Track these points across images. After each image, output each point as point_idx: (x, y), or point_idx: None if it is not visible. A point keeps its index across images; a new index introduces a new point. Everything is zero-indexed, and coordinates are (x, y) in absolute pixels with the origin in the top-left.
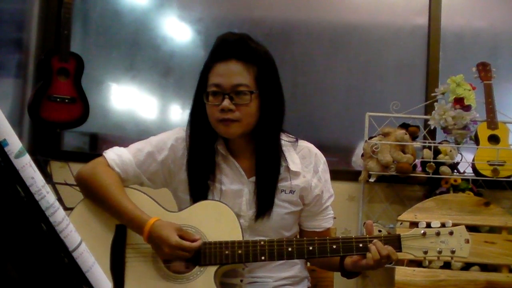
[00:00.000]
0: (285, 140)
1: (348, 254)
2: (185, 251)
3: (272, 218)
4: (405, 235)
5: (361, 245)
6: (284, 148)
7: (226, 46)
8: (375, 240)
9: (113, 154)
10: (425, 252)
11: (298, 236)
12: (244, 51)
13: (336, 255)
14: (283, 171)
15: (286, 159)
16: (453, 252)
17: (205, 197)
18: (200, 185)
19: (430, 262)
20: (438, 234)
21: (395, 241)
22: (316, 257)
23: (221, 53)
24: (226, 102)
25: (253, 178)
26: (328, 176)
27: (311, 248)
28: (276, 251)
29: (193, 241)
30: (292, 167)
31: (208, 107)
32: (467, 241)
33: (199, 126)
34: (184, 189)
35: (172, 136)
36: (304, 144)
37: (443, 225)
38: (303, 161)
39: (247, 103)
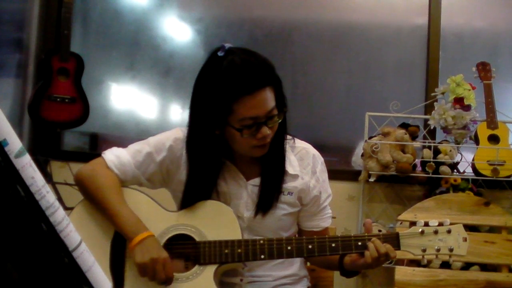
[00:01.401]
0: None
1: (347, 252)
2: (163, 270)
3: (269, 219)
4: (403, 233)
5: (360, 243)
6: None
7: (252, 77)
8: (373, 238)
9: (112, 155)
10: (424, 250)
11: (297, 236)
12: (267, 75)
13: (335, 253)
14: None
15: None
16: (451, 250)
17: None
18: (199, 195)
19: (429, 262)
20: (436, 232)
21: (393, 239)
22: (316, 256)
23: (249, 86)
24: (266, 130)
25: (252, 181)
26: (326, 176)
27: (310, 246)
28: (275, 250)
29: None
30: (290, 170)
31: (242, 138)
32: (465, 240)
33: (206, 153)
34: (183, 190)
35: (171, 137)
36: (301, 144)
37: (441, 224)
38: (301, 162)
39: (277, 123)
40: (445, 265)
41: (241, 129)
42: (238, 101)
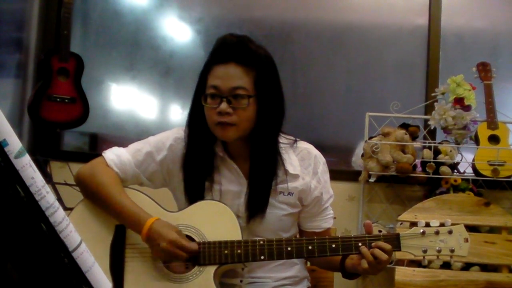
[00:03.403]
0: (284, 142)
1: (347, 253)
2: (183, 250)
3: (269, 219)
4: (404, 234)
5: (360, 244)
6: (282, 150)
7: (226, 49)
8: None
9: (112, 154)
10: (424, 251)
11: (297, 237)
12: (244, 54)
13: (335, 254)
14: (281, 173)
15: (284, 162)
16: (452, 251)
17: (201, 198)
18: (196, 186)
19: (430, 262)
20: (437, 233)
21: (394, 240)
22: (316, 257)
23: (220, 56)
24: (224, 106)
25: None
26: (327, 177)
27: (310, 247)
28: (275, 251)
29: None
30: (291, 169)
31: (207, 109)
32: (466, 240)
33: (198, 127)
34: (183, 190)
35: (171, 136)
36: (303, 145)
37: (442, 224)
38: (302, 163)
39: (244, 107)
40: (446, 265)
41: (206, 96)
42: (210, 71)
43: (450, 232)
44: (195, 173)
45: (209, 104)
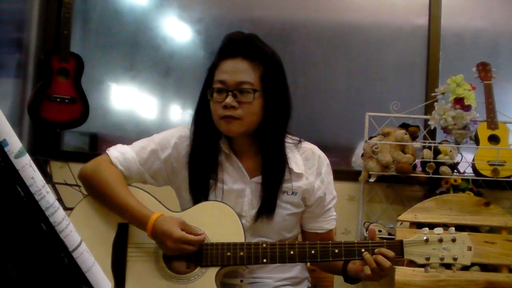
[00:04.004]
0: (289, 142)
1: (350, 258)
2: (190, 244)
3: (274, 219)
4: (407, 241)
5: (363, 250)
6: (287, 150)
7: (233, 44)
8: (374, 251)
9: (116, 152)
10: (427, 259)
11: (299, 237)
12: (251, 49)
13: (338, 259)
14: (286, 172)
15: (288, 160)
16: (455, 259)
17: (206, 195)
18: (201, 183)
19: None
20: (440, 241)
21: (397, 247)
22: (318, 261)
23: (228, 51)
24: (229, 99)
25: (255, 178)
26: (331, 178)
27: (313, 251)
28: (278, 254)
29: (197, 235)
30: (295, 168)
31: (212, 104)
32: (470, 249)
33: (203, 123)
34: (186, 188)
35: (176, 134)
36: (307, 145)
37: (446, 231)
38: (306, 163)
39: (250, 101)
40: (445, 265)
41: (212, 90)
42: (218, 66)
43: (453, 240)
44: (200, 169)
45: (215, 99)
